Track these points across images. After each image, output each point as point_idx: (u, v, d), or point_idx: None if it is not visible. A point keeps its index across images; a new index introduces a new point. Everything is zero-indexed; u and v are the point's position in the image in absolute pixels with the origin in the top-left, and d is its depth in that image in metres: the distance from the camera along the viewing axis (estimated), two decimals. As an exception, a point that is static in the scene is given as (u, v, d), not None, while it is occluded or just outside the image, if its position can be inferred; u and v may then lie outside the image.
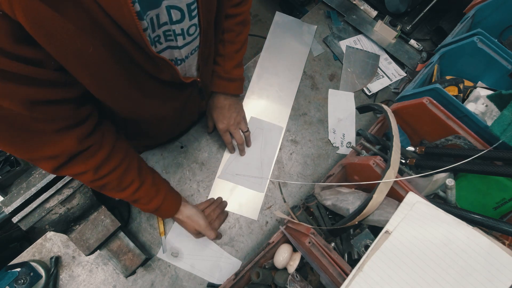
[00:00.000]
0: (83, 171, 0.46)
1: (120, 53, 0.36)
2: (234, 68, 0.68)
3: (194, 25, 0.43)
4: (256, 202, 0.74)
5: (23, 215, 0.51)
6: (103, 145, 0.48)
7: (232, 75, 0.69)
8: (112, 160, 0.50)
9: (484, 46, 0.67)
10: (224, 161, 0.77)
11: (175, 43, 0.44)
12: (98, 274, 0.65)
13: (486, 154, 0.50)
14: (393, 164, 0.49)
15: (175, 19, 0.40)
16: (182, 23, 0.41)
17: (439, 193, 0.58)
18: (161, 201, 0.58)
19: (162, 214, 0.62)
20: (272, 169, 0.77)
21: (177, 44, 0.44)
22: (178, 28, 0.42)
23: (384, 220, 0.47)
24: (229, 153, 0.78)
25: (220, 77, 0.68)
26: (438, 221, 0.44)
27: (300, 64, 0.90)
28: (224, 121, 0.71)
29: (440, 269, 0.41)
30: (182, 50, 0.46)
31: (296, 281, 0.55)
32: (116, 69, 0.38)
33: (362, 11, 1.01)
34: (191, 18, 0.42)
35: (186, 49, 0.47)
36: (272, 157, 0.78)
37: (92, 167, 0.47)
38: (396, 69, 0.94)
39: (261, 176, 0.76)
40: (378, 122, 0.67)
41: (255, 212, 0.73)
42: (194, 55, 0.51)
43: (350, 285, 0.43)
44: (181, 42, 0.44)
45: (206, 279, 0.67)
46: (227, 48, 0.65)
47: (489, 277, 0.39)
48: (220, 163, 0.77)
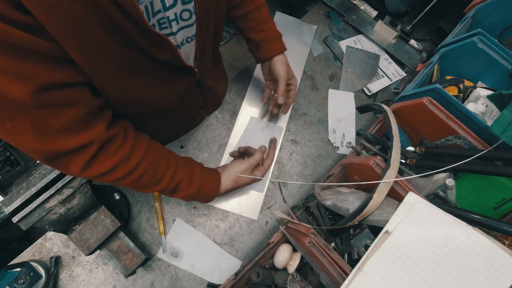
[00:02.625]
0: (114, 165, 0.44)
1: (116, 30, 0.35)
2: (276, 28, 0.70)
3: (187, 10, 0.43)
4: (256, 202, 0.74)
5: (23, 215, 0.51)
6: (128, 132, 0.47)
7: (279, 33, 0.70)
8: (140, 147, 0.48)
9: (484, 46, 0.67)
10: (224, 160, 0.77)
11: (169, 30, 0.43)
12: (98, 274, 0.64)
13: (486, 154, 0.50)
14: (393, 164, 0.49)
15: (167, 4, 0.40)
16: (174, 8, 0.41)
17: (439, 193, 0.58)
18: (200, 178, 0.56)
19: (206, 192, 0.58)
20: (272, 169, 0.77)
21: (172, 30, 0.44)
22: (172, 14, 0.41)
23: (384, 220, 0.47)
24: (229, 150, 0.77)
25: (273, 38, 0.69)
26: (438, 221, 0.44)
27: (300, 64, 0.90)
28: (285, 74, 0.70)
29: (440, 269, 0.41)
30: (177, 36, 0.45)
31: (296, 281, 0.55)
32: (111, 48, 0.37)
33: (362, 11, 1.01)
34: (184, 3, 0.41)
35: (180, 35, 0.46)
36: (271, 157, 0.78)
37: (122, 157, 0.45)
38: (396, 69, 0.94)
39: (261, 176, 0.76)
40: (378, 122, 0.67)
41: (255, 212, 0.73)
42: (191, 44, 0.50)
43: (350, 285, 0.43)
44: (175, 27, 0.44)
45: (206, 279, 0.67)
46: (263, 12, 0.67)
47: (489, 277, 0.39)
48: (220, 163, 0.77)
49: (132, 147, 0.47)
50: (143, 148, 0.49)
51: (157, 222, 0.69)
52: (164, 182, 0.52)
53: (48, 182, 0.53)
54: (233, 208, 0.73)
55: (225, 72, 0.84)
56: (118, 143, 0.45)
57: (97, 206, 0.59)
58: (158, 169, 0.50)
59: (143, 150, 0.49)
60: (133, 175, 0.47)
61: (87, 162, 0.42)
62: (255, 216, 0.73)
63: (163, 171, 0.51)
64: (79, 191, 0.55)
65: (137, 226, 0.69)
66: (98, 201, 0.59)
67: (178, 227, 0.69)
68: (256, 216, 0.73)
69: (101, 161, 0.44)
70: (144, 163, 0.48)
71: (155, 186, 0.51)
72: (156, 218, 0.70)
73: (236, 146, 0.78)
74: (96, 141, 0.41)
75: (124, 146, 0.46)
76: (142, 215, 0.70)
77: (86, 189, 0.56)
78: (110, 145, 0.44)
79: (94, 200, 0.57)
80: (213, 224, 0.71)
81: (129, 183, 0.48)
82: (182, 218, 0.70)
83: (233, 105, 0.83)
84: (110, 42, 0.35)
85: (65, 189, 0.54)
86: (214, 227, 0.71)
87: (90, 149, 0.41)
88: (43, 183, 0.53)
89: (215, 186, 0.59)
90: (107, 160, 0.44)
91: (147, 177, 0.49)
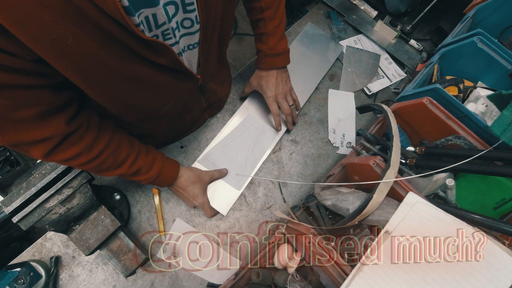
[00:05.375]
0: (76, 153, 0.46)
1: (111, 42, 0.35)
2: (278, 43, 0.70)
3: (189, 19, 0.43)
4: (230, 198, 0.72)
5: (23, 215, 0.51)
6: (91, 124, 0.47)
7: (277, 51, 0.70)
8: (103, 137, 0.49)
9: (484, 46, 0.67)
10: (209, 146, 0.76)
11: (174, 40, 0.44)
12: (98, 274, 0.65)
13: (486, 154, 0.50)
14: (393, 164, 0.49)
15: (171, 14, 0.40)
16: (176, 16, 0.41)
17: (439, 193, 0.58)
18: (160, 164, 0.59)
19: (165, 178, 0.62)
20: (272, 169, 0.77)
21: (176, 40, 0.44)
22: (174, 22, 0.41)
23: (384, 220, 0.47)
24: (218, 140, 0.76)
25: (266, 55, 0.70)
26: (438, 221, 0.44)
27: (316, 79, 0.87)
28: (272, 89, 0.72)
29: (440, 269, 0.41)
30: (179, 44, 0.45)
31: (296, 281, 0.55)
32: (106, 59, 0.36)
33: (362, 11, 1.01)
34: (185, 12, 0.41)
35: (182, 42, 0.46)
36: (258, 157, 0.76)
37: (85, 147, 0.46)
38: (396, 69, 0.94)
39: (241, 174, 0.74)
40: (378, 122, 0.67)
41: (225, 208, 0.71)
42: (194, 51, 0.50)
43: (350, 285, 0.43)
44: (178, 35, 0.44)
45: (206, 279, 0.67)
46: (268, 25, 0.67)
47: (489, 277, 0.39)
48: (204, 149, 0.76)
49: (95, 137, 0.48)
50: (106, 137, 0.50)
51: (157, 222, 0.69)
52: (124, 167, 0.53)
53: (48, 182, 0.53)
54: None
55: (229, 72, 0.83)
56: (81, 133, 0.46)
57: (97, 206, 0.59)
58: (119, 156, 0.52)
59: (105, 140, 0.50)
60: (95, 162, 0.49)
61: (49, 151, 0.43)
62: (225, 211, 0.71)
63: (124, 158, 0.53)
64: (79, 191, 0.55)
65: (137, 226, 0.69)
66: (98, 201, 0.58)
67: (178, 227, 0.69)
68: (225, 212, 0.71)
69: (64, 149, 0.44)
70: (107, 151, 0.50)
71: (115, 170, 0.53)
72: (156, 218, 0.70)
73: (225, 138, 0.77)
74: (56, 135, 0.42)
75: (87, 136, 0.47)
76: (142, 215, 0.70)
77: (86, 189, 0.56)
78: (73, 136, 0.45)
79: (94, 200, 0.57)
80: (213, 224, 0.71)
81: (90, 168, 0.50)
82: (182, 218, 0.70)
83: (233, 105, 0.83)
84: (102, 51, 0.35)
85: (65, 189, 0.54)
86: (214, 227, 0.71)
87: (51, 141, 0.42)
88: (43, 183, 0.53)
89: (174, 171, 0.63)
90: (69, 149, 0.45)
91: (108, 163, 0.51)
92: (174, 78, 0.49)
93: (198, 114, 0.74)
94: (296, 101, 0.78)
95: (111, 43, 0.35)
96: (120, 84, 0.42)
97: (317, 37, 0.94)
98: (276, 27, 0.68)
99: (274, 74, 0.72)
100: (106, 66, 0.37)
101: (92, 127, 0.48)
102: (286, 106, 0.74)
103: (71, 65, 0.35)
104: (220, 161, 0.74)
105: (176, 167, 0.64)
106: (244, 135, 0.78)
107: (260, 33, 0.69)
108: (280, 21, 0.68)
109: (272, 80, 0.72)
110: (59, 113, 0.42)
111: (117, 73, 0.40)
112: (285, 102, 0.75)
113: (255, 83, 0.76)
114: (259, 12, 0.65)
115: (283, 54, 0.72)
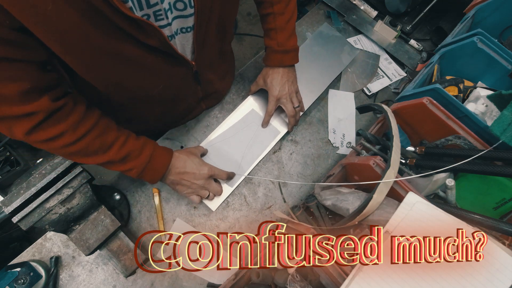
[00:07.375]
0: (61, 131, 0.44)
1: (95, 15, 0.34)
2: (288, 40, 0.67)
3: (181, 1, 0.42)
4: (221, 195, 0.71)
5: (23, 215, 0.51)
6: (77, 103, 0.46)
7: (286, 47, 0.67)
8: (89, 117, 0.48)
9: (484, 46, 0.68)
10: (207, 141, 0.74)
11: (166, 21, 0.43)
12: (98, 274, 0.65)
13: (486, 154, 0.50)
14: (393, 164, 0.49)
15: None
16: None
17: (439, 193, 0.58)
18: (152, 148, 0.55)
19: (158, 163, 0.57)
20: (272, 169, 0.77)
21: (168, 21, 0.43)
22: (166, 3, 0.41)
23: (384, 220, 0.47)
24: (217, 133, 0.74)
25: (274, 51, 0.67)
26: (438, 221, 0.44)
27: (326, 81, 0.85)
28: (277, 88, 0.69)
29: (440, 269, 0.41)
30: (172, 26, 0.45)
31: (296, 281, 0.55)
32: (90, 33, 0.35)
33: (362, 11, 1.01)
34: None
35: (175, 24, 0.45)
36: (255, 156, 0.75)
37: (70, 125, 0.45)
38: (396, 69, 0.94)
39: (236, 172, 0.73)
40: (378, 122, 0.67)
41: (215, 204, 0.71)
42: (188, 36, 0.49)
43: (350, 285, 0.43)
44: (170, 17, 0.43)
45: (206, 279, 0.67)
46: (278, 20, 0.65)
47: (489, 277, 0.39)
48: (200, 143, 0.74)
49: (81, 116, 0.46)
50: (93, 118, 0.48)
51: (157, 222, 0.70)
52: (113, 151, 0.51)
53: (48, 182, 0.53)
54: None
55: (233, 69, 0.82)
56: (67, 110, 0.45)
57: (97, 206, 0.59)
58: (108, 138, 0.50)
59: (92, 120, 0.48)
60: (81, 143, 0.47)
61: (32, 128, 0.42)
62: (214, 207, 0.70)
63: (114, 140, 0.51)
64: (79, 191, 0.55)
65: (137, 226, 0.69)
66: (98, 201, 0.59)
67: (178, 228, 0.69)
68: (214, 208, 0.70)
69: (47, 127, 0.43)
70: (94, 132, 0.48)
71: (104, 155, 0.50)
72: (156, 218, 0.70)
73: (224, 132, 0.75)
74: (41, 111, 0.41)
75: (74, 114, 0.45)
76: (142, 215, 0.70)
77: (86, 189, 0.56)
78: (58, 113, 0.44)
79: (94, 200, 0.57)
80: (213, 224, 0.71)
81: (76, 151, 0.48)
82: (182, 218, 0.70)
83: (233, 105, 0.83)
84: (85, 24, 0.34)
85: (65, 189, 0.54)
86: (214, 227, 0.71)
87: (36, 117, 0.41)
88: (43, 183, 0.53)
89: (167, 156, 0.59)
90: (54, 127, 0.44)
91: (95, 145, 0.49)
92: (166, 62, 0.48)
93: (194, 103, 0.72)
94: (301, 103, 0.76)
95: (96, 17, 0.34)
96: (107, 61, 0.41)
97: (332, 38, 0.92)
98: (286, 23, 0.66)
99: (280, 72, 0.70)
100: (89, 40, 0.36)
101: (79, 106, 0.47)
102: (290, 107, 0.72)
103: (53, 35, 0.34)
104: (215, 155, 0.73)
105: (169, 152, 0.60)
106: (244, 131, 0.77)
107: (269, 28, 0.66)
108: (291, 16, 0.66)
109: (278, 78, 0.70)
110: (43, 93, 0.41)
111: (103, 49, 0.39)
112: (290, 103, 0.72)
113: (261, 82, 0.74)
114: (269, 6, 0.63)
115: (292, 51, 0.69)
